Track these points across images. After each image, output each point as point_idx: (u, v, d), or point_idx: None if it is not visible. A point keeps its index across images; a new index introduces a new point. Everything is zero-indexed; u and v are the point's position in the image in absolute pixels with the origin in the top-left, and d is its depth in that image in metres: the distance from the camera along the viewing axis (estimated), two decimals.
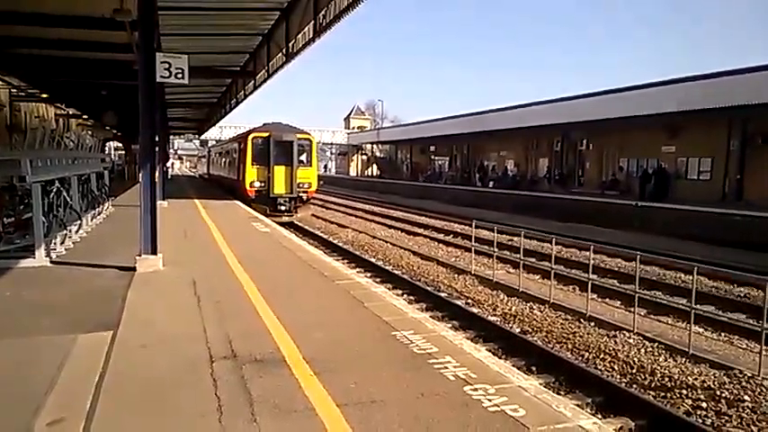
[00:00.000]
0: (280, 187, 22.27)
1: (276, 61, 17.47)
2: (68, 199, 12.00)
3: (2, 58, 16.89)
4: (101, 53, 15.60)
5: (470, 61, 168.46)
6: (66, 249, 10.76)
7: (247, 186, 22.39)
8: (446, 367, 4.87)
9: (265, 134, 22.52)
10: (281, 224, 18.27)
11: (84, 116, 36.54)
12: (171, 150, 62.58)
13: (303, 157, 22.92)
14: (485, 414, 3.98)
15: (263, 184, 22.27)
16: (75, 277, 8.55)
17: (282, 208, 22.28)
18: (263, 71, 19.39)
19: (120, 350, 5.32)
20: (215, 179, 38.16)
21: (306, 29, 14.53)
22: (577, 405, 6.45)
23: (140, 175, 9.01)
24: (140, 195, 8.99)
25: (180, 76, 8.77)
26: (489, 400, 4.19)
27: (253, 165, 22.41)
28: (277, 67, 17.74)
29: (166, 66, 8.69)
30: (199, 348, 5.32)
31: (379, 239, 19.30)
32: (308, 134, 23.89)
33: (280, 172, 22.22)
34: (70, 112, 35.27)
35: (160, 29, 13.35)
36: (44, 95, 26.50)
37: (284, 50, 15.94)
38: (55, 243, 10.44)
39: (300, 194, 22.69)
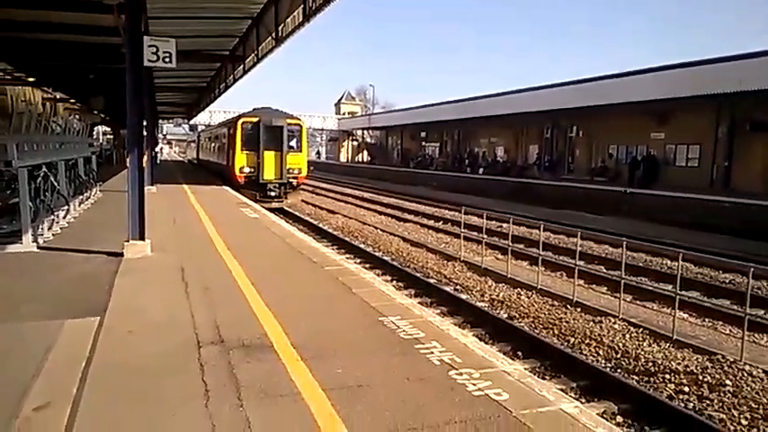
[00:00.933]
0: (269, 173, 22.09)
1: (265, 45, 17.30)
2: (56, 184, 11.92)
3: None
4: (88, 36, 15.37)
5: (465, 47, 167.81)
6: (53, 235, 10.71)
7: (237, 172, 22.22)
8: (432, 352, 4.92)
9: (255, 119, 22.27)
10: (271, 210, 18.23)
11: (72, 100, 36.13)
12: (160, 135, 62.08)
13: (293, 143, 22.69)
14: (469, 397, 4.03)
15: (252, 170, 22.09)
16: (63, 263, 8.51)
17: (272, 194, 22.11)
18: (252, 55, 19.20)
19: (107, 336, 5.32)
20: (204, 164, 37.89)
21: (295, 12, 14.39)
22: (562, 389, 6.58)
23: (128, 159, 8.95)
24: (128, 180, 8.94)
25: (167, 60, 8.67)
26: (474, 385, 4.24)
27: (242, 150, 22.20)
28: (266, 52, 17.57)
29: (154, 49, 8.59)
30: (186, 334, 5.33)
31: (369, 225, 19.31)
32: (299, 119, 23.70)
33: (269, 157, 22.03)
34: (58, 96, 34.83)
35: (148, 12, 13.15)
36: (31, 79, 26.12)
37: (273, 34, 15.79)
38: (42, 228, 10.38)
39: (290, 180, 22.53)
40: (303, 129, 23.44)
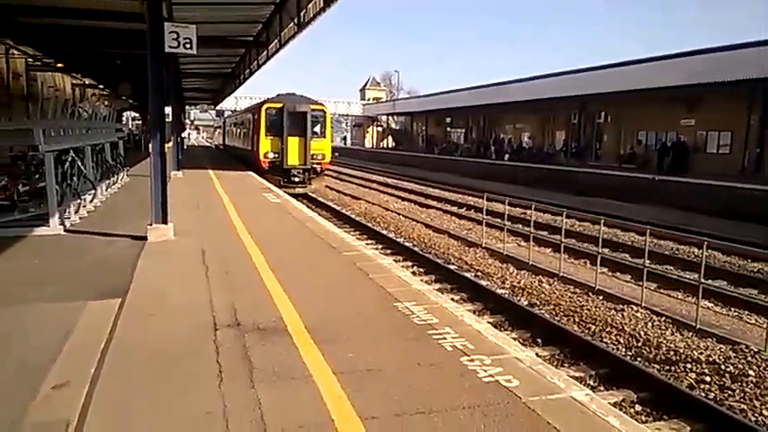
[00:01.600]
0: (293, 158, 22.22)
1: (288, 31, 17.31)
2: (83, 168, 12.13)
3: (16, 28, 16.95)
4: (114, 22, 15.55)
5: (492, 33, 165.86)
6: (80, 218, 10.92)
7: (261, 157, 22.38)
8: (445, 338, 4.91)
9: (279, 105, 22.43)
10: (295, 196, 18.37)
11: (101, 86, 36.68)
12: (187, 121, 62.75)
13: (317, 129, 22.83)
14: (479, 384, 4.02)
15: (276, 156, 22.27)
16: (88, 245, 8.69)
17: (296, 179, 22.26)
18: (276, 41, 19.19)
19: (127, 317, 5.43)
20: (230, 150, 38.28)
21: None
22: (581, 377, 6.56)
23: (150, 144, 9.06)
24: (151, 165, 9.06)
25: (188, 46, 8.72)
26: (484, 371, 4.23)
27: (266, 136, 22.39)
28: (289, 37, 17.58)
29: (174, 36, 8.64)
30: (204, 317, 5.41)
31: (392, 212, 19.32)
32: (322, 105, 23.80)
33: (293, 143, 22.15)
34: (86, 82, 35.43)
35: None
36: (59, 65, 26.59)
37: (296, 20, 15.79)
38: (69, 212, 10.61)
39: (314, 166, 22.65)
40: (327, 114, 23.48)
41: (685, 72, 24.46)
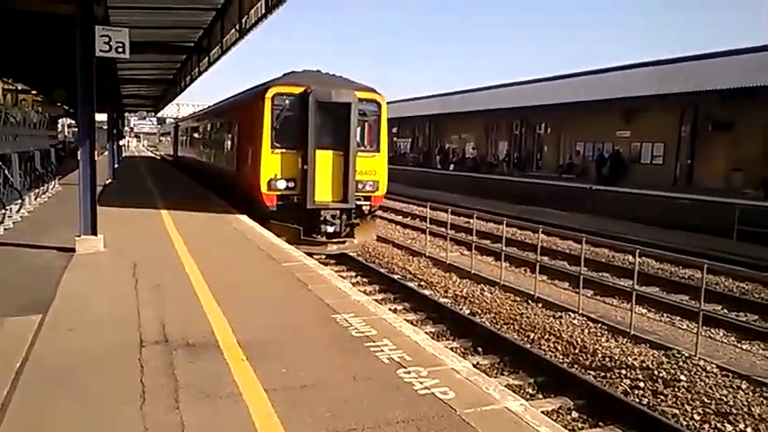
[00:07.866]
0: (325, 191, 12.53)
1: (230, 38, 16.98)
2: (9, 177, 11.53)
3: None
4: (47, 25, 14.92)
5: (449, 39, 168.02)
6: (4, 229, 10.36)
7: (263, 188, 12.37)
8: (382, 350, 4.82)
9: (298, 90, 12.40)
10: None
11: (34, 92, 35.14)
12: (126, 128, 60.86)
13: (365, 134, 13.35)
14: (414, 397, 3.95)
15: (291, 185, 12.45)
16: (11, 258, 8.23)
17: (330, 228, 12.63)
18: (217, 48, 18.80)
19: (46, 334, 5.12)
20: (189, 165, 27.20)
21: (258, 4, 14.15)
22: (519, 385, 6.60)
23: (79, 152, 8.65)
24: (79, 174, 8.65)
25: (120, 50, 8.39)
26: (420, 383, 4.15)
27: (274, 147, 12.36)
28: (230, 44, 17.25)
29: (106, 39, 8.30)
30: (130, 333, 5.14)
31: None
32: (375, 92, 13.39)
33: (325, 161, 12.48)
34: (19, 88, 33.85)
35: (108, 2, 12.79)
36: None
37: (237, 26, 15.51)
38: None
39: (361, 203, 13.13)
40: (383, 108, 13.46)
41: (622, 85, 25.36)
